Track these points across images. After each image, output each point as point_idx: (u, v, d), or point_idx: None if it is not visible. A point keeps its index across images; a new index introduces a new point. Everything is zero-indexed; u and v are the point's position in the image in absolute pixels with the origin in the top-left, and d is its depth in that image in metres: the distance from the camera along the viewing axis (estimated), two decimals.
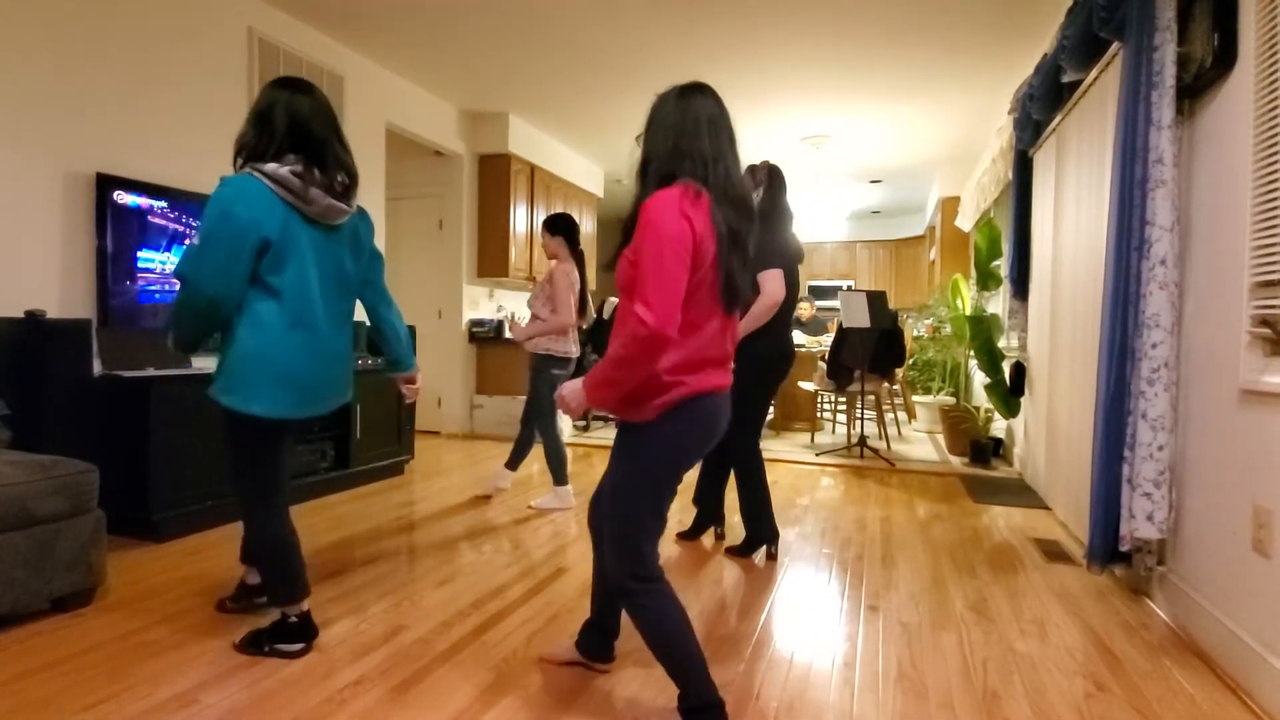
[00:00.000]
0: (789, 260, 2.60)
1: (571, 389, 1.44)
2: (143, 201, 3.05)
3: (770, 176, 2.64)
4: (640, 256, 1.30)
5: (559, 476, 3.47)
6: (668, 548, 2.89)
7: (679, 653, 1.44)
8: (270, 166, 1.68)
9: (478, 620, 2.13)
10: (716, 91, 1.48)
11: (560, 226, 3.43)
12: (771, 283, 2.51)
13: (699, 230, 1.33)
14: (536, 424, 3.49)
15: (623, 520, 1.45)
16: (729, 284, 1.40)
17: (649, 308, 1.26)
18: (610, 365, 1.33)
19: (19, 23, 2.70)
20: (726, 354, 1.47)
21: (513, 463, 3.65)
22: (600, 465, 4.62)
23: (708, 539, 3.03)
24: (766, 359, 2.65)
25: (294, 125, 1.73)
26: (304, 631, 1.88)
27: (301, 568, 1.88)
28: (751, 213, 1.46)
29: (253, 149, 1.73)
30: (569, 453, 3.73)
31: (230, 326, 1.71)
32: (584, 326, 3.73)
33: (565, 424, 5.73)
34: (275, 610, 1.92)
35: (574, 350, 3.47)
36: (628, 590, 1.45)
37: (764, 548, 2.78)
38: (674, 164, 1.39)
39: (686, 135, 1.40)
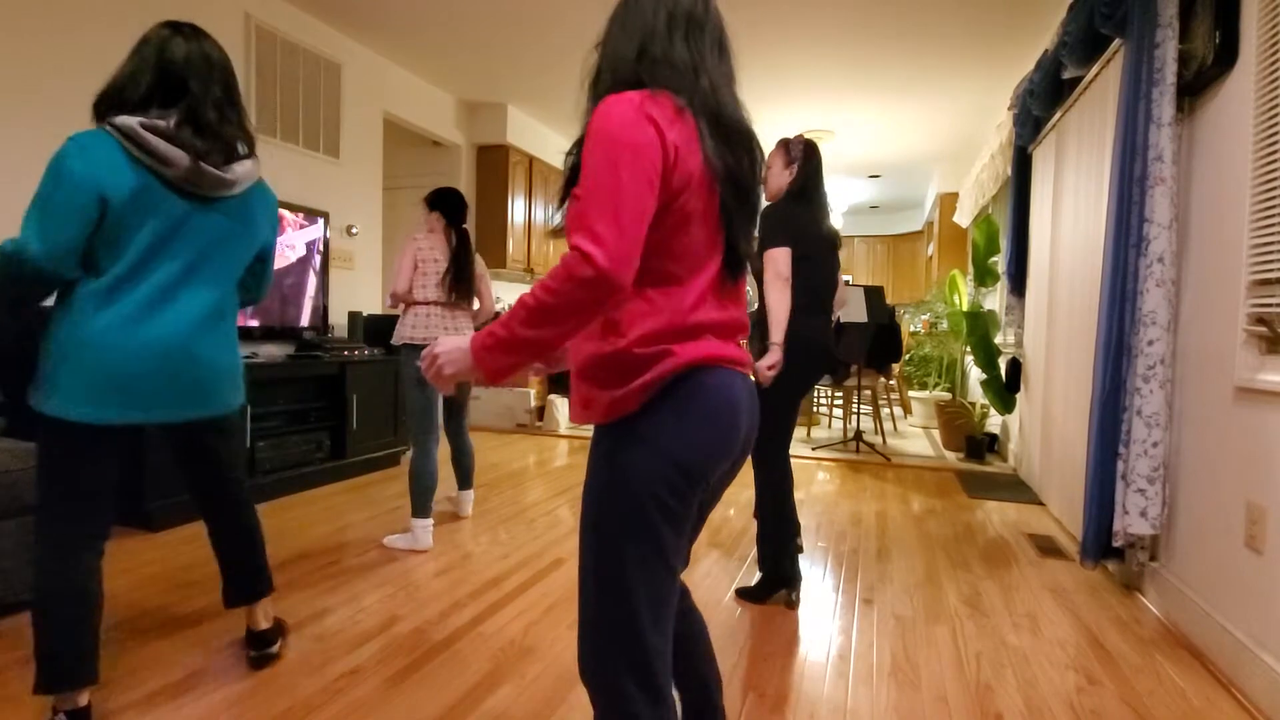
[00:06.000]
0: (813, 244, 2.26)
1: (449, 348, 0.95)
2: None
3: (806, 152, 2.26)
4: (586, 175, 0.89)
5: (418, 506, 2.69)
6: None
7: None
8: (120, 119, 1.38)
9: (474, 611, 2.13)
10: None
11: (435, 202, 2.93)
12: (771, 264, 2.16)
13: (673, 141, 0.92)
14: (409, 433, 2.87)
15: (605, 596, 0.94)
16: (732, 245, 1.01)
17: (595, 239, 0.85)
18: (523, 317, 0.88)
19: (13, 8, 2.67)
20: (734, 320, 1.02)
21: (462, 481, 3.15)
22: None
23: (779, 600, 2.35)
24: (805, 350, 2.24)
25: (165, 72, 1.43)
26: None
27: (95, 642, 1.41)
28: (752, 146, 1.04)
29: (113, 99, 1.42)
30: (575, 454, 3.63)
31: (49, 317, 1.41)
32: (480, 308, 3.02)
33: (561, 418, 5.72)
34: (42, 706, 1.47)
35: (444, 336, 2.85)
36: (615, 701, 0.93)
37: (784, 592, 2.28)
38: (639, 73, 0.98)
39: (658, 37, 1.00)
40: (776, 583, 2.28)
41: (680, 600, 1.15)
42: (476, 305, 3.01)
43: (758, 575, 2.33)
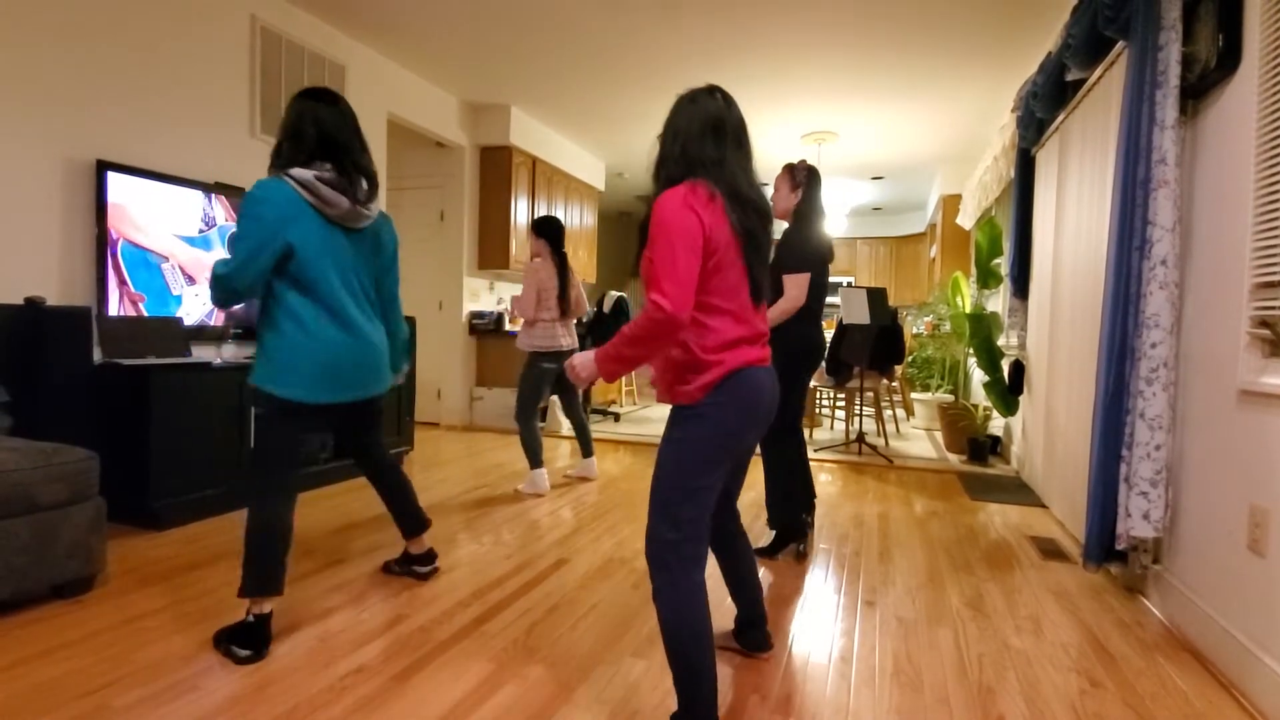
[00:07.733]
0: (818, 263, 2.69)
1: (583, 360, 1.53)
2: (143, 189, 3.04)
3: (809, 177, 2.73)
4: (654, 252, 1.40)
5: (531, 460, 3.66)
6: None
7: (693, 661, 1.41)
8: (297, 171, 1.84)
9: (478, 610, 2.14)
10: (728, 94, 1.56)
11: (541, 230, 3.70)
12: (795, 287, 2.61)
13: (708, 222, 1.42)
14: (517, 414, 3.68)
15: (667, 489, 1.46)
16: (753, 282, 1.52)
17: (664, 295, 1.37)
18: (624, 342, 1.44)
19: (20, 9, 2.69)
20: (759, 332, 1.55)
21: (584, 449, 3.97)
22: (610, 460, 4.63)
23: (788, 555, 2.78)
24: (791, 353, 2.68)
25: (321, 135, 1.90)
26: (258, 636, 1.84)
27: (282, 567, 1.89)
28: (765, 213, 1.54)
29: (285, 157, 1.90)
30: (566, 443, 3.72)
31: (270, 319, 1.86)
32: (583, 319, 3.86)
33: (563, 419, 5.73)
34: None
35: (563, 343, 3.67)
36: (662, 562, 1.45)
37: (792, 546, 2.76)
38: (683, 168, 1.49)
39: (693, 140, 1.50)
40: (787, 538, 2.74)
41: (733, 524, 1.82)
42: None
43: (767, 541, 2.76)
